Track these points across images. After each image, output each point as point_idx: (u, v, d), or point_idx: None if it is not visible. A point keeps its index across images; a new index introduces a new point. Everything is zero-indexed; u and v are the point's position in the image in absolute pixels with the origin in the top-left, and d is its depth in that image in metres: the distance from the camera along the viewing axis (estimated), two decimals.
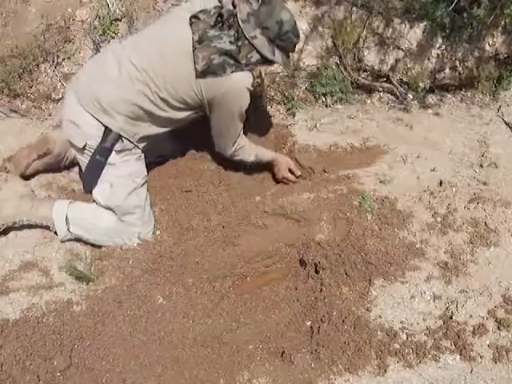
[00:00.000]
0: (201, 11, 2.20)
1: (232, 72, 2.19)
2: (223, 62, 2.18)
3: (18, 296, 2.31)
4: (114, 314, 2.23)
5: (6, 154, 2.69)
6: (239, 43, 2.18)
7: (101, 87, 2.23)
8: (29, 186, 2.58)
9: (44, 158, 2.59)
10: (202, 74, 2.18)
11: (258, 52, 2.20)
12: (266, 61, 2.26)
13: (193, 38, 2.17)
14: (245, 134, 2.69)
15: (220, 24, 2.19)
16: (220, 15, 2.19)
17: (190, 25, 2.18)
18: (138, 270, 2.33)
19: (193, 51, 2.17)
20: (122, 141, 2.29)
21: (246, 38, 2.18)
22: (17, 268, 2.41)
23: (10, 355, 2.10)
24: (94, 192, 2.37)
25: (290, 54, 2.36)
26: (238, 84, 2.23)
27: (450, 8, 2.49)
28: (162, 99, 2.24)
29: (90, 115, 2.25)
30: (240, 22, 2.17)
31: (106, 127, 2.25)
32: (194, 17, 2.19)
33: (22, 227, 2.48)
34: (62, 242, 2.46)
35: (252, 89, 2.29)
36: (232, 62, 2.18)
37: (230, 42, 2.18)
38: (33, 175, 2.65)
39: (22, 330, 2.17)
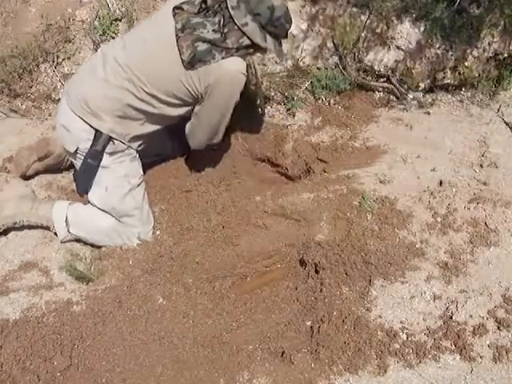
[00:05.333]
0: (184, 2, 2.16)
1: (222, 58, 2.13)
2: (209, 49, 2.11)
3: (17, 296, 2.31)
4: (114, 313, 2.23)
5: (6, 154, 2.69)
6: (225, 30, 2.12)
7: (87, 88, 2.21)
8: (29, 187, 2.58)
9: (44, 159, 2.59)
10: (190, 65, 2.12)
11: (250, 39, 2.15)
12: (257, 48, 2.21)
13: (175, 27, 2.12)
14: (245, 134, 2.71)
15: (204, 11, 2.14)
16: (204, 2, 2.14)
17: (174, 16, 2.14)
18: (137, 270, 2.34)
19: (176, 41, 2.11)
20: (113, 143, 2.26)
21: (237, 26, 2.12)
22: (17, 268, 2.41)
23: (10, 355, 2.11)
24: (89, 195, 2.37)
25: (283, 41, 2.32)
26: (231, 69, 2.16)
27: (453, 8, 2.48)
28: (150, 95, 2.19)
29: (80, 118, 2.22)
30: (230, 9, 2.11)
31: (97, 130, 2.23)
32: (178, 8, 2.15)
33: (22, 227, 2.49)
34: (62, 242, 2.46)
35: (246, 74, 2.23)
36: (220, 48, 2.12)
37: (214, 30, 2.11)
38: (33, 176, 2.66)
39: (22, 330, 2.17)
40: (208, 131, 2.36)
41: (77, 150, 2.28)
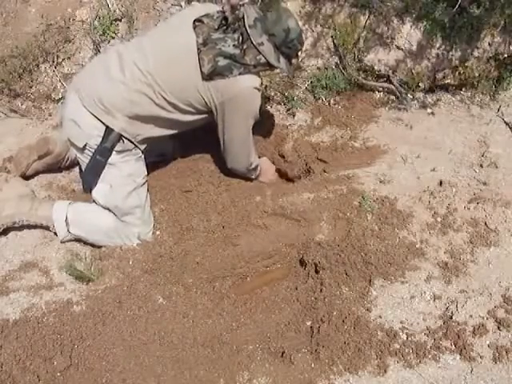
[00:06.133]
0: (204, 15, 2.22)
1: (240, 74, 2.20)
2: (229, 64, 2.18)
3: (17, 296, 2.31)
4: (113, 313, 2.23)
5: (6, 154, 2.69)
6: (244, 46, 2.19)
7: (104, 87, 2.23)
8: (29, 187, 2.58)
9: (44, 158, 2.59)
10: (208, 77, 2.19)
11: (264, 58, 2.22)
12: (271, 66, 2.28)
13: (197, 41, 2.18)
14: None
15: (224, 27, 2.20)
16: (225, 18, 2.20)
17: (194, 28, 2.19)
18: (137, 270, 2.34)
19: (198, 54, 2.17)
20: (123, 141, 2.28)
21: (253, 45, 2.19)
22: (17, 268, 2.41)
23: (10, 355, 2.11)
24: (93, 192, 2.37)
25: (293, 61, 2.38)
26: (247, 85, 2.24)
27: (453, 10, 2.48)
28: (169, 102, 2.24)
29: (92, 115, 2.24)
30: (247, 28, 2.18)
31: (107, 127, 2.24)
32: (198, 20, 2.21)
33: (21, 227, 2.49)
34: (62, 242, 2.46)
35: (261, 89, 2.29)
36: (238, 64, 2.19)
37: (234, 45, 2.19)
38: (33, 175, 2.66)
39: (22, 330, 2.17)
40: (237, 148, 2.41)
41: (85, 145, 2.29)
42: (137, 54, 2.24)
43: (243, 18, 2.20)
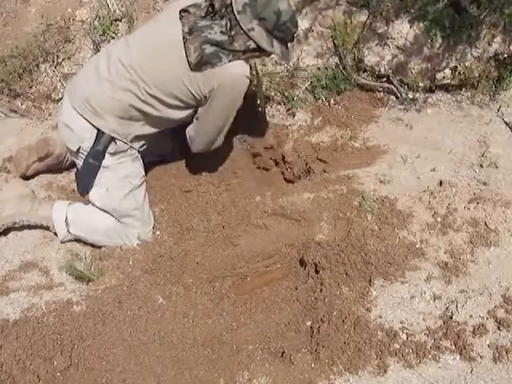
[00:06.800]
0: (191, 5, 2.16)
1: (229, 61, 2.13)
2: (217, 51, 2.11)
3: (17, 296, 2.31)
4: (113, 314, 2.23)
5: (6, 154, 2.69)
6: (232, 32, 2.12)
7: (91, 88, 2.22)
8: (29, 187, 2.58)
9: (44, 159, 2.59)
10: (196, 67, 2.12)
11: (256, 44, 2.15)
12: (263, 51, 2.20)
13: (183, 30, 2.12)
14: (245, 134, 2.70)
15: (211, 14, 2.14)
16: (211, 5, 2.14)
17: (180, 19, 2.14)
18: (137, 270, 2.34)
19: (184, 43, 2.11)
20: (115, 143, 2.26)
21: (243, 31, 2.11)
22: (17, 268, 2.41)
23: (10, 355, 2.11)
24: (90, 195, 2.37)
25: (289, 45, 2.31)
26: (237, 72, 2.17)
27: (444, 1, 2.47)
28: (153, 96, 2.19)
29: (83, 118, 2.23)
30: (236, 14, 2.10)
31: (99, 130, 2.23)
32: (184, 10, 2.15)
33: (22, 227, 2.49)
34: (62, 242, 2.46)
35: (250, 77, 2.23)
36: (227, 51, 2.12)
37: (222, 32, 2.11)
38: (33, 176, 2.66)
39: (22, 330, 2.17)
40: (211, 135, 2.36)
41: (79, 148, 2.28)
42: (122, 50, 2.21)
43: (231, 3, 2.12)
